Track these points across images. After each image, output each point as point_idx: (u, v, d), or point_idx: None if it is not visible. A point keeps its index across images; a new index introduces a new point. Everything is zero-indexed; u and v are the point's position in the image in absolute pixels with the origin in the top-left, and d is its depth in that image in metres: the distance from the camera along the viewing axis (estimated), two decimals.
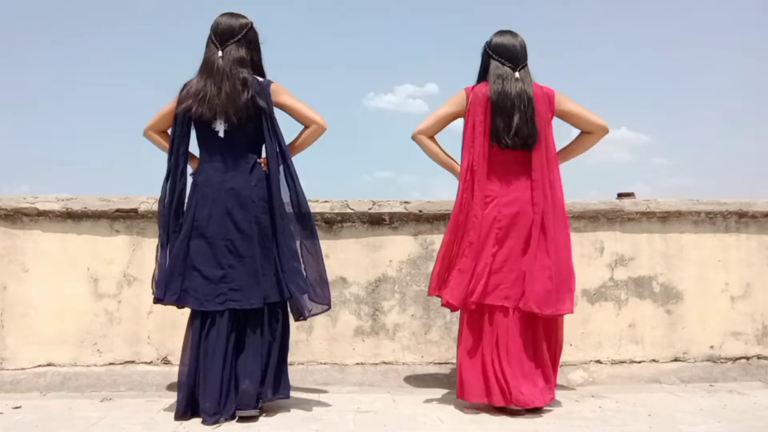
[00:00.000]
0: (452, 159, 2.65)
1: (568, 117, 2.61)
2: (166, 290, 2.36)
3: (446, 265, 2.53)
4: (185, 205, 2.44)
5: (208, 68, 2.40)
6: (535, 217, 2.49)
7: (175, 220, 2.42)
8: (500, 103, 2.50)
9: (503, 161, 2.54)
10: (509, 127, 2.49)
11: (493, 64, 2.58)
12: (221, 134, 2.40)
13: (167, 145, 2.50)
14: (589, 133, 2.65)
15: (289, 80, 2.56)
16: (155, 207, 2.99)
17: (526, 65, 2.59)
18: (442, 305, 2.54)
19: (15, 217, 3.01)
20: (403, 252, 3.14)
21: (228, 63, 2.38)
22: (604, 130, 2.63)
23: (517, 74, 2.55)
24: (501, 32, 2.64)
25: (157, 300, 2.40)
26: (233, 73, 2.37)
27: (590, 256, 3.21)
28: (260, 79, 2.46)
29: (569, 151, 2.69)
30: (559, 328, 2.56)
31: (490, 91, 2.53)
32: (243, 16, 2.49)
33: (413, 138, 2.64)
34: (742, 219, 3.34)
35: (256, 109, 2.39)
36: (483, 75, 2.64)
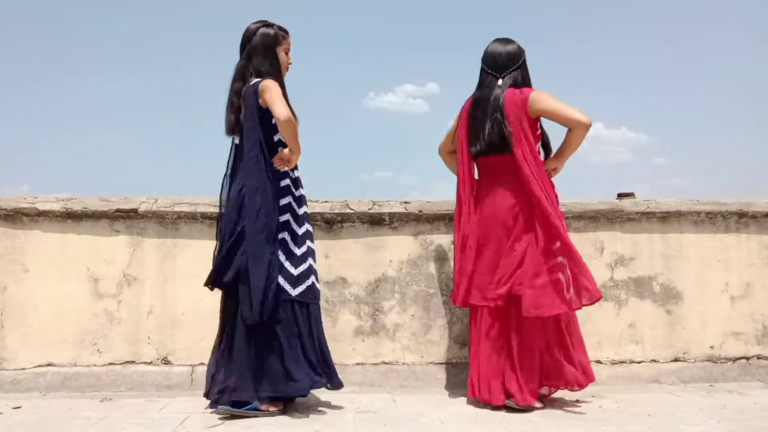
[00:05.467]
0: None
1: (547, 116, 2.59)
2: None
3: (457, 271, 2.72)
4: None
5: None
6: (518, 218, 2.53)
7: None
8: (473, 111, 2.66)
9: (486, 166, 2.65)
10: (480, 134, 2.61)
11: (481, 73, 2.70)
12: (237, 142, 2.53)
13: None
14: (571, 130, 2.58)
15: (289, 80, 2.56)
16: (155, 207, 3.00)
17: (513, 71, 2.63)
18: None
19: (15, 217, 3.01)
20: (403, 252, 3.14)
21: (233, 77, 2.50)
22: (581, 124, 2.52)
23: (500, 81, 2.63)
24: (494, 40, 2.72)
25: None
26: (232, 87, 2.49)
27: (590, 256, 3.20)
28: (253, 81, 2.43)
29: (561, 152, 2.65)
30: (549, 329, 2.51)
31: (471, 101, 2.70)
32: (256, 23, 2.52)
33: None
34: (742, 219, 3.34)
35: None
36: None
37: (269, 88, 2.35)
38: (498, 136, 2.55)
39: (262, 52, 2.47)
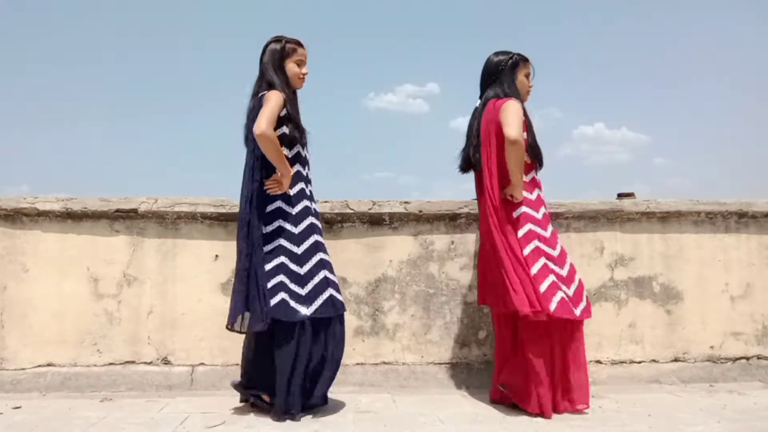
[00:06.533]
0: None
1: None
2: None
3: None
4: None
5: None
6: (489, 229, 2.56)
7: None
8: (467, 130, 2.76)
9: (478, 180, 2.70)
10: (465, 151, 2.71)
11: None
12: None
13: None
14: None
15: None
16: (155, 207, 3.00)
17: (496, 83, 2.65)
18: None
19: (15, 217, 3.01)
20: (403, 252, 3.14)
21: (251, 92, 2.54)
22: (507, 138, 2.43)
23: (484, 95, 2.70)
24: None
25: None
26: (249, 102, 2.52)
27: (590, 257, 3.21)
28: (262, 93, 2.46)
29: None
30: (529, 341, 2.45)
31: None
32: (270, 39, 2.56)
33: None
34: (742, 219, 3.34)
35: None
36: None
37: (267, 99, 2.40)
38: (471, 154, 2.67)
39: (271, 67, 2.52)
